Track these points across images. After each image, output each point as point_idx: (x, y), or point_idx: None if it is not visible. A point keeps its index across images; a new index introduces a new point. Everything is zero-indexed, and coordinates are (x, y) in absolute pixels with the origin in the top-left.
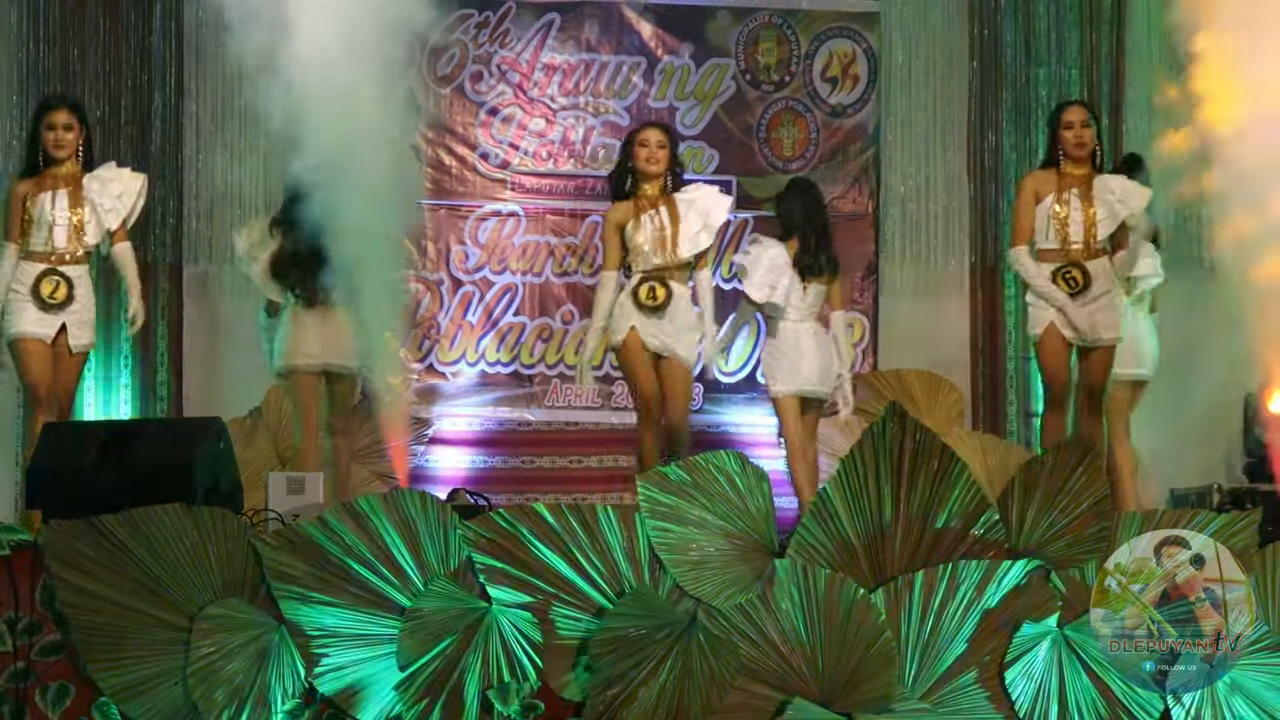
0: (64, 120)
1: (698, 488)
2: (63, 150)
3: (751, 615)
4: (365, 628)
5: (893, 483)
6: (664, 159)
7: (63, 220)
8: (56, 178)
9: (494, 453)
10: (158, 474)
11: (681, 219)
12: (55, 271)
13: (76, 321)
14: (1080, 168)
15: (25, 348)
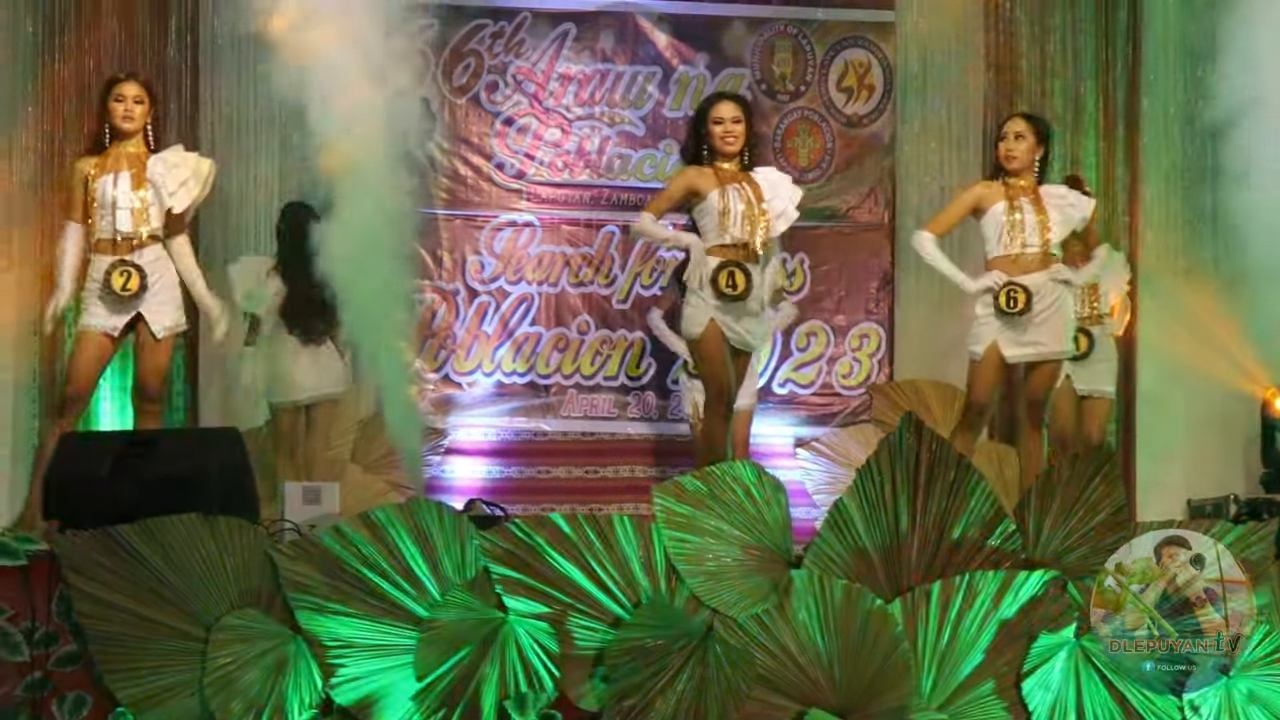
0: (134, 93)
1: (714, 498)
2: (132, 122)
3: (768, 626)
4: (382, 638)
5: (909, 493)
6: (740, 134)
7: (125, 203)
8: (120, 157)
9: (510, 463)
10: (174, 484)
11: (767, 200)
12: (125, 263)
13: (156, 305)
14: (1026, 179)
15: (82, 339)
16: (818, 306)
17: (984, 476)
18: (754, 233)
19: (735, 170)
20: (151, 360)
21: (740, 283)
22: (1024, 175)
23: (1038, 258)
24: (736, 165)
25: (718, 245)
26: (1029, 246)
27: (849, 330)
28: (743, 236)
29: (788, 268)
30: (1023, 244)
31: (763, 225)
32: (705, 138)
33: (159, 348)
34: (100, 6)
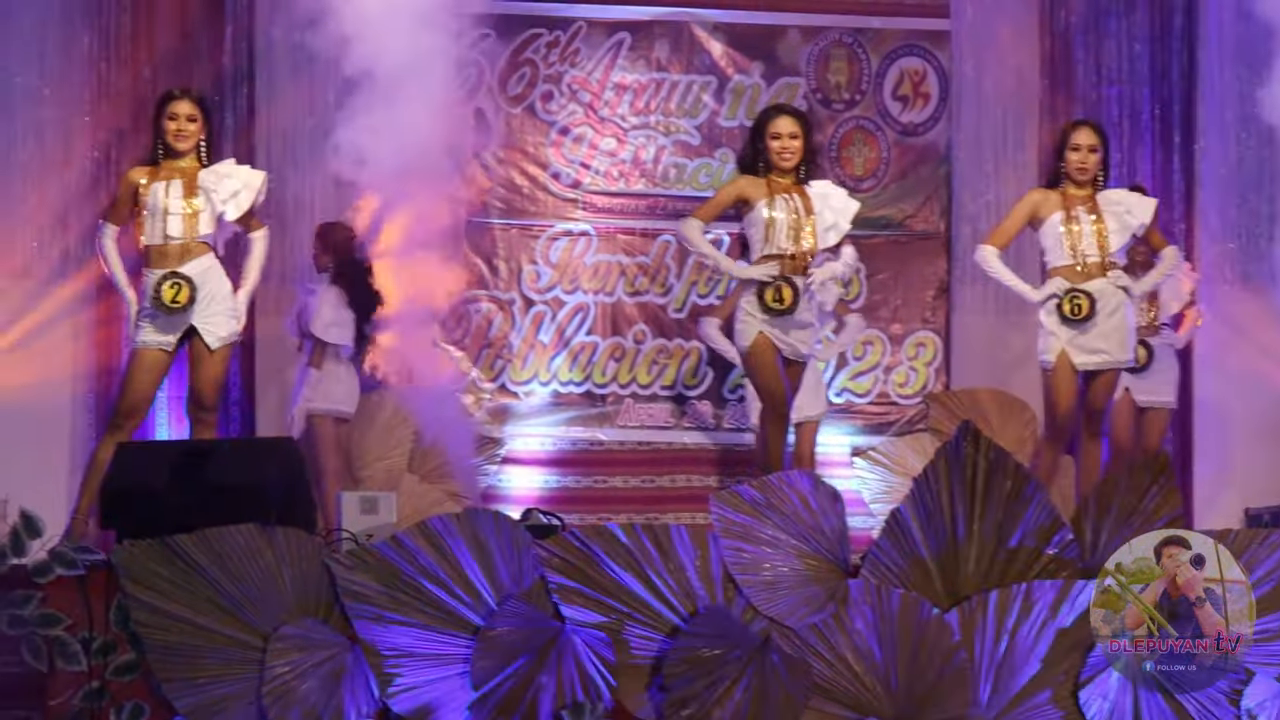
0: (187, 111)
1: (771, 507)
2: (184, 142)
3: (825, 635)
4: (439, 647)
5: (967, 502)
6: (797, 150)
7: (177, 208)
8: (173, 169)
9: (567, 472)
10: (232, 494)
11: (816, 212)
12: (175, 275)
13: (208, 316)
14: (1083, 189)
15: (138, 356)
16: (874, 315)
17: (1042, 485)
18: (799, 244)
19: (789, 183)
20: (207, 371)
21: (787, 297)
22: (1086, 186)
23: (1097, 266)
24: (791, 178)
25: (763, 256)
26: (1088, 256)
27: (905, 339)
28: (788, 248)
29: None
30: (1082, 254)
31: (809, 237)
32: (762, 151)
33: (214, 358)
34: (156, 16)
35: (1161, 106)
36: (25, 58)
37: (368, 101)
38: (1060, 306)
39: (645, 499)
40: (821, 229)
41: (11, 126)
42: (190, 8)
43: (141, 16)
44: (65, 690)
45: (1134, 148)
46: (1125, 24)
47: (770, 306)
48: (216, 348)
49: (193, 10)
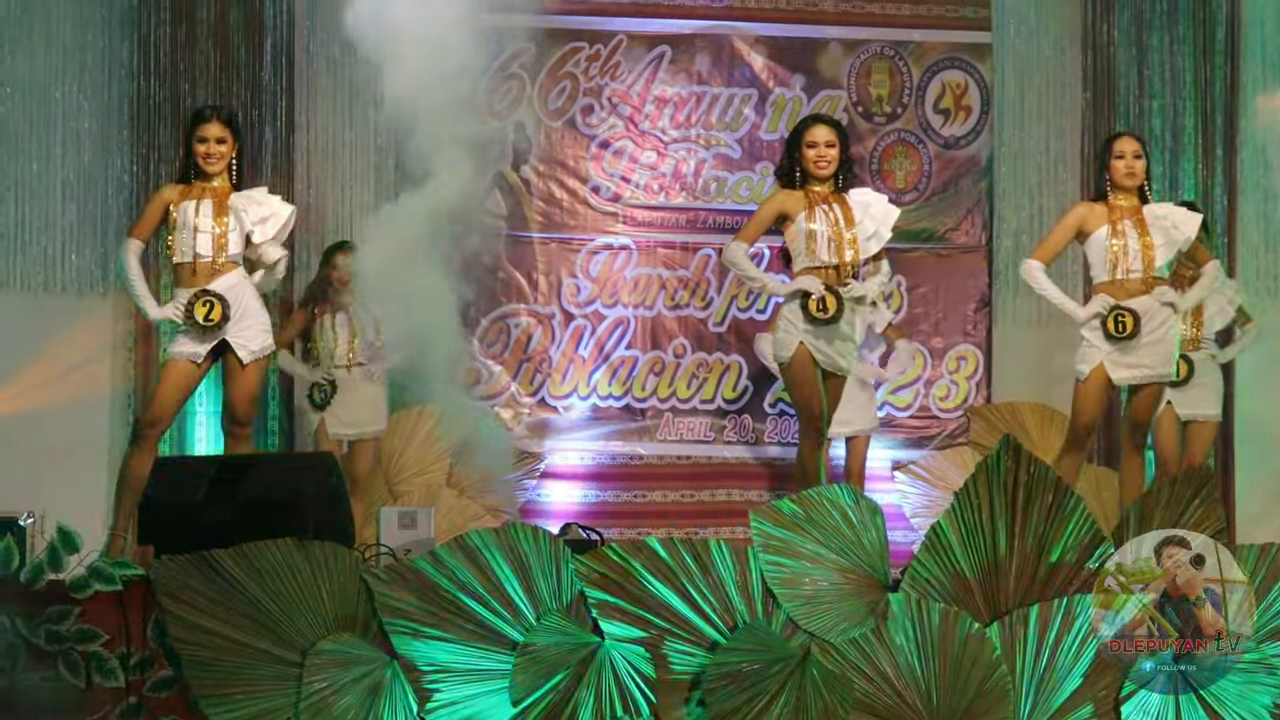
0: (217, 133)
1: (811, 522)
2: (214, 164)
3: (866, 650)
4: (478, 663)
5: (1007, 516)
6: (834, 159)
7: (206, 227)
8: (204, 189)
9: (606, 487)
10: (269, 509)
11: (857, 222)
12: (207, 293)
13: (241, 331)
14: (1130, 199)
15: (169, 367)
16: (915, 329)
17: (1082, 499)
18: (842, 255)
19: (827, 193)
20: (240, 386)
21: (830, 305)
22: (1130, 196)
23: (1142, 281)
24: (829, 188)
25: (806, 269)
26: (1133, 271)
27: (946, 353)
28: (830, 260)
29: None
30: (1126, 269)
31: (851, 248)
32: (799, 160)
33: (247, 373)
34: (195, 30)
35: (1204, 120)
36: (65, 70)
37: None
38: (1105, 323)
39: (685, 514)
40: (863, 239)
41: (50, 139)
42: (229, 21)
43: (181, 29)
44: (102, 707)
45: (1176, 161)
46: (1168, 37)
47: (814, 316)
48: (250, 362)
49: (232, 23)
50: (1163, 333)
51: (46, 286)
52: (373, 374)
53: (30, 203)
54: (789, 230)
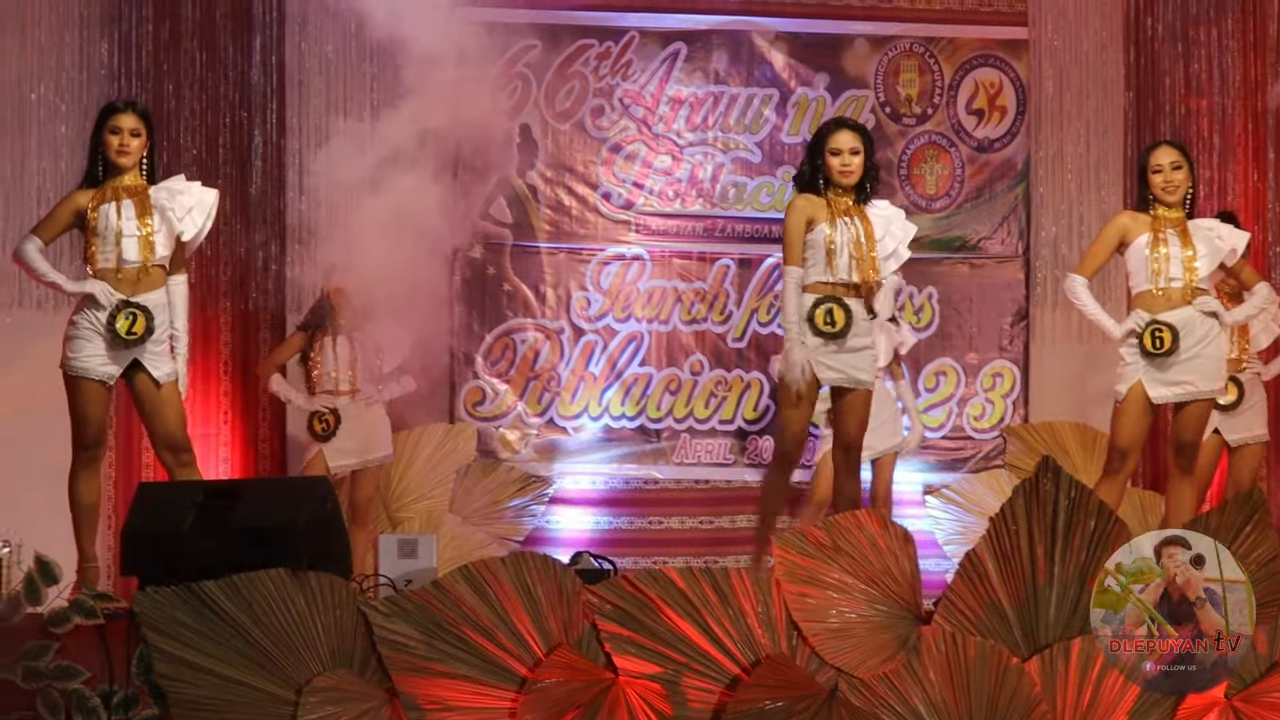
0: (131, 125)
1: (838, 549)
2: (127, 157)
3: (896, 685)
4: (483, 700)
5: (1047, 543)
6: (858, 167)
7: (131, 230)
8: (119, 189)
9: (619, 513)
10: (261, 537)
11: (877, 239)
12: (130, 304)
13: (155, 351)
14: (1173, 211)
15: (82, 386)
16: (947, 344)
17: (1126, 525)
18: (864, 274)
19: (849, 203)
20: (170, 410)
21: (839, 319)
22: (1174, 208)
23: (1182, 292)
24: (850, 197)
25: (820, 282)
26: (1173, 280)
27: (981, 369)
28: (848, 278)
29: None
30: (1167, 278)
31: (871, 267)
32: (821, 167)
33: (168, 394)
34: (179, 28)
35: (1254, 120)
36: (41, 71)
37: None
38: (1141, 339)
39: (703, 541)
40: (882, 257)
41: (26, 143)
42: (216, 18)
43: (164, 28)
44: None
45: (1225, 164)
46: (1215, 33)
47: (821, 330)
48: (167, 383)
49: (219, 21)
50: (1204, 346)
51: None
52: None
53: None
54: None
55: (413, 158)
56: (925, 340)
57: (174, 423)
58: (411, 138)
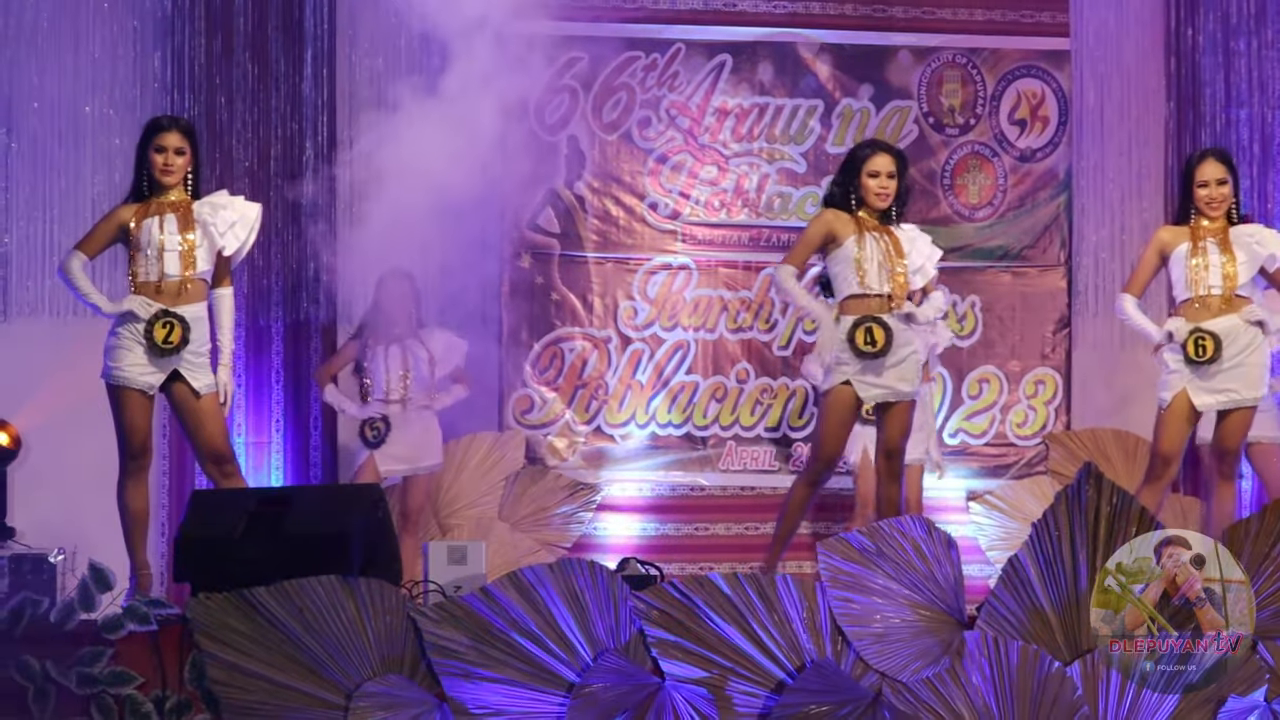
0: (175, 144)
1: (882, 555)
2: (171, 176)
3: (940, 690)
4: (531, 705)
5: (1089, 549)
6: (894, 191)
7: (173, 245)
8: (163, 204)
9: (666, 519)
10: (312, 544)
11: (906, 254)
12: (168, 314)
13: (195, 362)
14: (1215, 222)
15: (125, 398)
16: (990, 351)
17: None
18: (896, 282)
19: (876, 223)
20: (211, 422)
21: (879, 338)
22: (1219, 219)
23: (1221, 301)
24: (879, 219)
25: (852, 296)
26: (1213, 289)
27: (1023, 377)
28: (879, 288)
29: (958, 310)
30: (1206, 287)
31: (900, 279)
32: (856, 188)
33: (208, 405)
34: (231, 41)
35: None
36: (95, 85)
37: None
38: (1185, 347)
39: (749, 547)
40: (911, 270)
41: (80, 156)
42: (267, 31)
43: (216, 40)
44: None
45: (1265, 173)
46: (1256, 42)
47: (862, 350)
48: (206, 393)
49: (270, 34)
50: (1247, 355)
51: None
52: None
53: (59, 223)
54: (834, 254)
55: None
56: (968, 348)
57: (216, 434)
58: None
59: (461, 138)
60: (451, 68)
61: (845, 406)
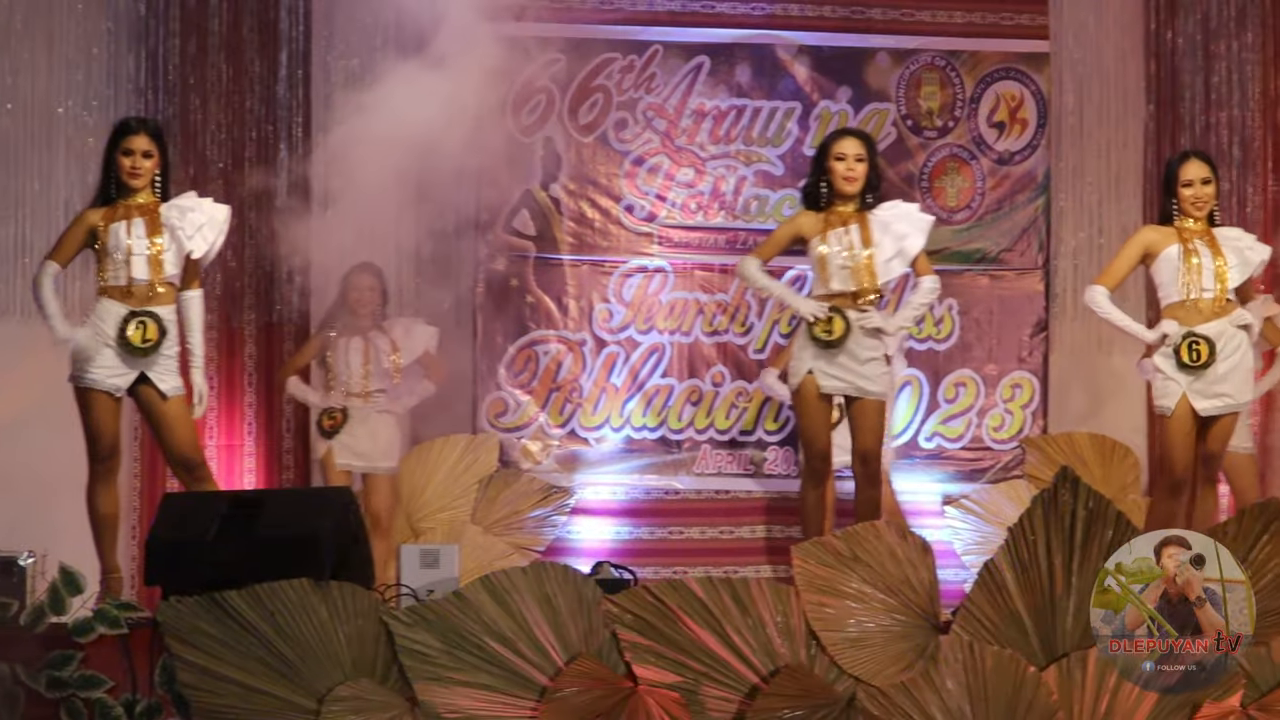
0: (143, 146)
1: (856, 559)
2: (139, 179)
3: (914, 695)
4: (503, 709)
5: (1065, 553)
6: (862, 173)
7: (141, 249)
8: (130, 207)
9: (640, 523)
10: (284, 547)
11: (875, 243)
12: (143, 313)
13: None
14: (1198, 223)
15: (92, 399)
16: (967, 355)
17: None
18: (859, 282)
19: (850, 212)
20: (180, 426)
21: (837, 329)
22: (1202, 220)
23: (1214, 303)
24: (854, 207)
25: (820, 295)
26: (1206, 291)
27: (1000, 380)
28: (845, 287)
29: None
30: (1200, 289)
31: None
32: (826, 174)
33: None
34: (206, 42)
35: (1274, 132)
36: (69, 85)
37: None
38: (1178, 352)
39: (723, 551)
40: (881, 261)
41: (53, 157)
42: (242, 33)
43: (191, 42)
44: None
45: (1245, 176)
46: (1236, 45)
47: (818, 337)
48: (173, 396)
49: (245, 35)
50: (1238, 358)
51: None
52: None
53: (32, 223)
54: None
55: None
56: (945, 351)
57: (185, 439)
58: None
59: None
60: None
61: (814, 397)
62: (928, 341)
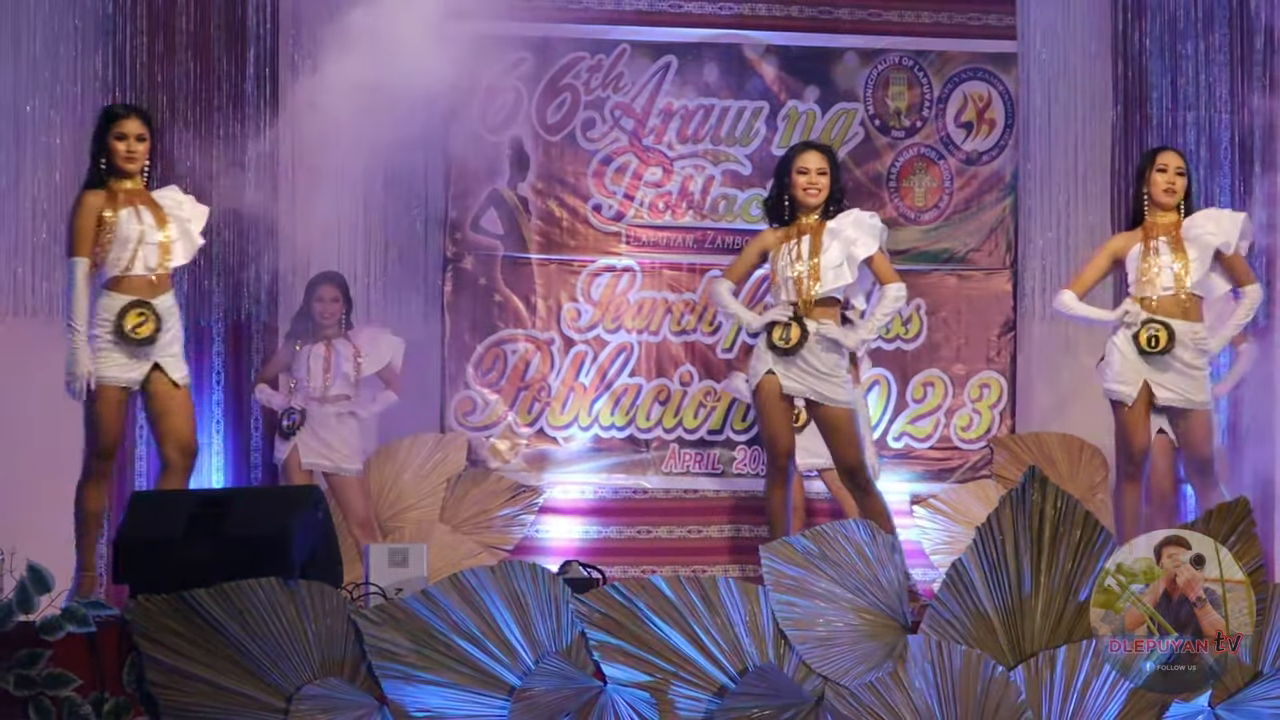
0: (137, 130)
1: (825, 558)
2: (134, 163)
3: (883, 694)
4: (472, 708)
5: (1033, 553)
6: (824, 187)
7: (153, 238)
8: (129, 193)
9: (608, 522)
10: (252, 546)
11: (823, 250)
12: (141, 304)
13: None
14: (1168, 215)
15: (103, 394)
16: (935, 355)
17: (1112, 534)
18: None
19: (809, 223)
20: (185, 411)
21: (793, 335)
22: (1169, 213)
23: (1172, 300)
24: (814, 219)
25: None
26: (1165, 290)
27: (968, 380)
28: (790, 297)
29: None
30: (1160, 288)
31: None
32: (788, 187)
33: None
34: (173, 40)
35: (1241, 133)
36: (35, 83)
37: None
38: (1136, 338)
39: (692, 550)
40: (827, 268)
41: (20, 155)
42: (210, 31)
43: (158, 39)
44: None
45: (1212, 177)
46: (1203, 45)
47: (774, 344)
48: (182, 385)
49: (213, 33)
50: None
51: (19, 310)
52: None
53: None
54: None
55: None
56: (913, 351)
57: (186, 424)
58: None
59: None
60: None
61: (773, 395)
62: (896, 341)
